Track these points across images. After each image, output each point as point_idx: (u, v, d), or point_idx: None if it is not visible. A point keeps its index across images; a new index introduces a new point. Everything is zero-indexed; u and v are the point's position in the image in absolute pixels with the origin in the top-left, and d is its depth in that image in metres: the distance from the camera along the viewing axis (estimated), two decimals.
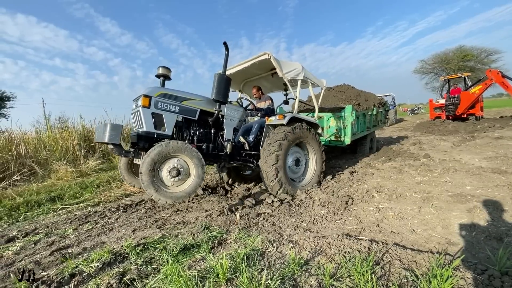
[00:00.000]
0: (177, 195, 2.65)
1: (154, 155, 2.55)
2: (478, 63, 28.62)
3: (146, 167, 2.52)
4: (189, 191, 2.72)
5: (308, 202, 3.35)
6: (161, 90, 3.02)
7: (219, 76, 3.15)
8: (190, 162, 2.77)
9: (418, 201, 3.09)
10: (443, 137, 9.19)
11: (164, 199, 2.57)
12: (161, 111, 2.93)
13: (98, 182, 5.17)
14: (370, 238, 2.28)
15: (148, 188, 2.52)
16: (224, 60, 3.18)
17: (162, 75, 3.16)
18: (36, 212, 3.84)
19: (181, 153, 2.71)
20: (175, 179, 2.71)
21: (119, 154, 2.85)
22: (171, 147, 2.65)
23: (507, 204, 2.79)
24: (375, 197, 3.31)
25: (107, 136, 2.61)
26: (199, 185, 2.78)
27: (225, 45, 3.12)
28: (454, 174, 4.10)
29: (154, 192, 2.52)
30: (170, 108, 3.00)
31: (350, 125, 5.21)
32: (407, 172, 4.49)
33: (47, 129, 6.75)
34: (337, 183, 4.13)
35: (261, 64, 3.94)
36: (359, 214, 2.85)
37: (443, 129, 11.27)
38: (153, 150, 2.57)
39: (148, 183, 2.52)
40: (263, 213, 3.07)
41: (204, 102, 3.31)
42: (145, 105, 2.83)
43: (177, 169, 2.71)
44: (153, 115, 2.88)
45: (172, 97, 3.06)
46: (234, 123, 3.53)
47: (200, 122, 3.35)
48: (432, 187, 3.54)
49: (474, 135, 8.52)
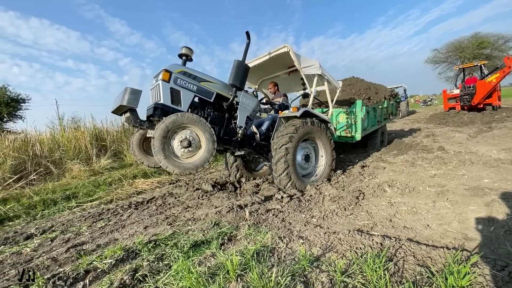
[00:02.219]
0: (185, 166, 2.65)
1: (169, 122, 2.57)
2: (495, 51, 27.39)
3: (159, 133, 2.53)
4: (197, 164, 2.72)
5: (318, 197, 3.31)
6: (182, 67, 3.07)
7: (238, 62, 3.21)
8: (202, 136, 2.78)
9: (433, 195, 2.99)
10: (458, 128, 8.88)
11: (172, 168, 2.57)
12: (179, 87, 2.96)
13: (110, 180, 5.28)
14: (383, 233, 2.23)
15: (158, 154, 2.52)
16: (245, 49, 3.21)
17: (184, 54, 3.21)
18: (52, 210, 3.97)
19: (194, 126, 2.73)
20: (185, 150, 2.72)
21: (134, 122, 2.84)
22: (186, 118, 2.67)
23: None
24: (387, 192, 3.24)
25: (126, 99, 2.57)
26: (207, 160, 2.78)
27: (247, 34, 3.18)
28: (470, 166, 3.95)
29: (163, 159, 2.53)
30: (188, 86, 3.03)
31: (360, 120, 5.09)
32: (420, 166, 4.37)
33: (60, 130, 6.93)
34: (348, 178, 4.06)
35: (279, 59, 3.94)
36: (371, 209, 2.79)
37: (458, 120, 10.90)
38: (169, 118, 2.59)
39: (159, 148, 2.52)
40: (273, 209, 3.06)
41: (221, 86, 3.34)
42: (165, 79, 2.85)
43: (188, 140, 2.72)
44: (171, 90, 2.91)
45: (192, 76, 3.09)
46: (248, 112, 3.54)
47: (215, 105, 3.38)
48: (447, 181, 3.43)
49: (491, 126, 8.19)
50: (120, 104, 2.57)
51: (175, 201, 3.90)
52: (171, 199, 4.03)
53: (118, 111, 2.97)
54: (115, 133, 7.80)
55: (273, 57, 3.88)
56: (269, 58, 3.89)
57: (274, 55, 3.81)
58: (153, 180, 5.32)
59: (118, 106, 2.70)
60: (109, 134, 7.51)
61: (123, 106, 2.64)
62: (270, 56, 3.84)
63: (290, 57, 3.84)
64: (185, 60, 3.23)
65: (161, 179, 5.38)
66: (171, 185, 4.95)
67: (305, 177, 3.96)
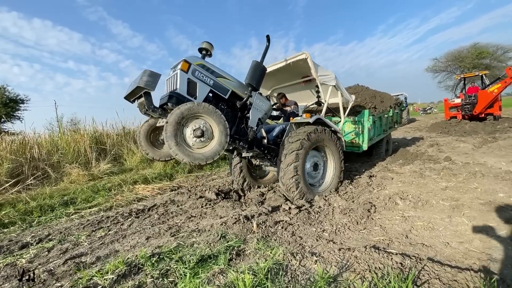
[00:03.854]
0: (195, 156, 2.55)
1: (184, 109, 2.49)
2: (494, 61, 27.65)
3: (173, 118, 2.43)
4: (207, 155, 2.62)
5: (327, 209, 3.19)
6: (201, 60, 3.03)
7: (256, 63, 3.20)
8: (216, 127, 2.70)
9: (447, 210, 2.89)
10: (462, 138, 8.83)
11: (181, 155, 2.46)
12: (197, 79, 2.91)
13: (110, 185, 5.14)
14: (401, 251, 2.11)
15: (170, 140, 2.42)
16: (264, 51, 3.22)
17: (204, 49, 3.18)
18: (49, 217, 3.82)
19: (209, 116, 2.65)
20: (197, 140, 2.63)
21: (147, 106, 2.76)
22: (202, 107, 2.59)
23: None
24: (399, 205, 3.13)
25: (144, 81, 2.48)
26: (218, 153, 2.68)
27: (267, 38, 3.21)
28: (481, 179, 3.86)
29: (174, 145, 2.43)
30: (205, 80, 2.98)
31: (367, 130, 5.01)
32: (429, 177, 4.27)
33: (59, 132, 6.79)
34: (356, 189, 3.95)
35: (295, 68, 3.89)
36: (384, 224, 2.68)
37: (460, 130, 10.87)
38: (185, 104, 2.52)
39: (172, 134, 2.43)
40: (281, 221, 2.93)
41: (236, 84, 3.30)
42: (183, 69, 2.81)
43: (202, 130, 2.63)
44: (189, 80, 2.86)
45: (209, 70, 3.05)
46: (260, 114, 3.48)
47: (229, 103, 3.32)
48: (459, 194, 3.32)
49: (495, 136, 8.14)
50: (137, 86, 2.50)
51: (178, 209, 3.76)
52: (174, 207, 3.90)
53: (133, 95, 2.88)
54: (115, 136, 7.67)
55: (289, 65, 3.83)
56: (285, 64, 3.83)
57: (290, 62, 3.76)
58: (154, 186, 5.19)
59: (134, 88, 2.61)
60: (109, 137, 7.38)
61: (140, 89, 2.56)
62: (287, 62, 3.79)
63: (305, 66, 3.77)
64: (205, 54, 3.20)
65: (162, 185, 5.24)
66: (173, 192, 4.82)
67: (312, 186, 3.84)
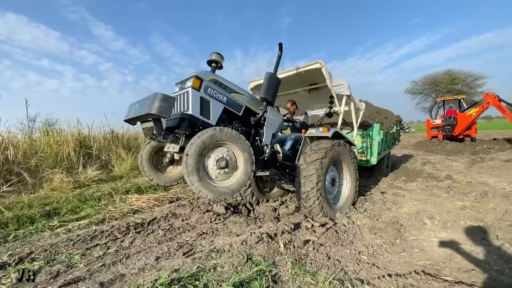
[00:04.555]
0: (221, 190, 2.22)
1: (206, 138, 2.14)
2: (465, 87, 29.96)
3: (194, 149, 2.09)
4: (233, 188, 2.29)
5: (353, 228, 2.98)
6: (213, 75, 2.69)
7: (270, 75, 2.89)
8: (240, 155, 2.37)
9: (478, 231, 2.78)
10: (449, 157, 9.16)
11: (205, 192, 2.11)
12: (210, 97, 2.56)
13: (99, 194, 4.60)
14: (457, 279, 1.92)
15: (191, 175, 2.07)
16: (277, 61, 2.94)
17: (214, 61, 2.81)
18: (28, 230, 3.26)
19: (233, 143, 2.33)
20: (221, 172, 2.29)
21: (158, 133, 2.36)
22: (225, 134, 2.26)
23: None
24: (427, 224, 2.99)
25: (156, 107, 2.06)
26: (245, 184, 2.36)
27: (280, 46, 2.91)
28: (493, 199, 3.86)
29: (197, 181, 2.08)
30: (219, 97, 2.65)
31: (377, 144, 4.96)
32: (440, 195, 4.23)
33: (40, 133, 6.10)
34: (373, 205, 3.79)
35: (305, 75, 3.70)
36: (422, 246, 2.50)
37: (443, 149, 11.34)
38: (205, 132, 2.17)
39: (193, 168, 2.07)
40: (309, 240, 2.67)
41: (250, 99, 3.00)
42: (195, 86, 2.46)
43: (226, 160, 2.30)
44: (201, 99, 2.50)
45: (222, 85, 2.72)
46: (274, 129, 3.17)
47: (243, 119, 2.99)
48: (481, 214, 3.26)
49: (481, 156, 8.52)
50: (148, 113, 2.09)
51: (184, 224, 3.37)
52: (178, 221, 3.49)
53: (135, 120, 2.49)
54: (102, 140, 7.07)
55: (300, 73, 3.65)
56: (296, 73, 3.65)
57: (302, 71, 3.59)
58: (149, 196, 4.71)
59: (141, 114, 2.20)
60: (95, 141, 6.77)
61: (150, 115, 2.16)
62: (298, 71, 3.61)
63: (315, 74, 3.64)
64: (215, 67, 2.86)
65: (158, 196, 4.78)
66: (172, 204, 4.38)
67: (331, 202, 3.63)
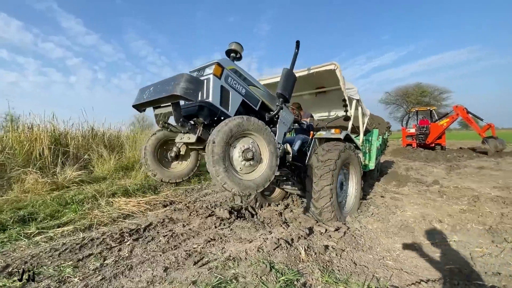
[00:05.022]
0: (246, 184, 2.00)
1: (233, 125, 1.94)
2: (432, 99, 32.43)
3: (221, 137, 1.87)
4: (258, 182, 2.09)
5: (367, 232, 2.92)
6: (233, 65, 2.48)
7: (287, 71, 2.75)
8: (266, 148, 2.19)
9: (486, 234, 2.85)
10: (428, 163, 9.66)
11: (231, 185, 1.89)
12: (229, 87, 2.36)
13: (82, 197, 4.12)
14: (489, 283, 1.90)
15: (217, 165, 1.85)
16: (293, 58, 2.82)
17: (233, 51, 2.58)
18: (0, 239, 2.78)
19: (259, 134, 2.14)
20: (246, 164, 2.09)
21: (176, 120, 2.08)
22: (252, 124, 2.08)
23: None
24: (437, 228, 3.02)
25: (182, 88, 1.79)
26: (269, 179, 2.17)
27: (297, 44, 2.81)
28: (486, 203, 4.03)
29: (222, 172, 1.86)
30: (238, 88, 2.45)
31: (375, 149, 5.03)
32: (435, 199, 4.36)
33: (9, 127, 5.38)
34: (378, 209, 3.78)
35: (314, 78, 3.62)
36: (448, 251, 2.49)
37: (418, 156, 11.98)
38: (233, 120, 1.98)
39: (220, 157, 1.86)
40: (329, 246, 2.54)
41: (266, 94, 2.81)
42: (216, 74, 2.24)
43: (252, 151, 2.11)
44: (222, 88, 2.29)
45: (242, 77, 2.52)
46: (286, 128, 3.00)
47: (258, 115, 2.78)
48: (482, 218, 3.37)
49: (456, 164, 9.09)
50: (172, 94, 1.82)
51: (186, 230, 3.08)
52: (178, 227, 3.20)
53: (148, 105, 2.21)
54: (80, 138, 6.45)
55: (311, 74, 3.57)
56: (307, 74, 3.57)
57: (314, 72, 3.51)
58: (139, 199, 4.32)
59: (161, 97, 1.92)
60: (73, 139, 6.15)
61: (172, 97, 1.89)
62: (310, 72, 3.53)
63: (327, 77, 3.61)
64: (234, 57, 2.66)
65: (148, 200, 4.40)
66: (166, 208, 4.04)
67: None
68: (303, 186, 3.45)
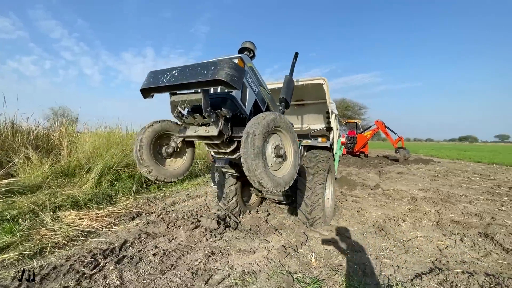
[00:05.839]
0: (277, 181, 1.94)
1: (270, 120, 1.89)
2: (353, 114, 37.88)
3: (261, 130, 1.78)
4: (286, 180, 2.05)
5: (354, 234, 3.19)
6: (251, 62, 2.39)
7: (289, 78, 2.88)
8: (290, 146, 2.18)
9: (437, 229, 3.46)
10: (361, 169, 11.17)
11: (267, 181, 1.81)
12: (248, 85, 2.27)
13: (15, 213, 3.19)
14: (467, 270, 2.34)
15: (257, 159, 1.75)
16: (292, 67, 2.98)
17: (248, 49, 2.46)
18: None
19: (287, 133, 2.12)
20: (276, 160, 2.05)
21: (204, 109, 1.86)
22: (283, 121, 2.05)
23: None
24: (402, 226, 3.52)
25: (228, 75, 1.61)
26: (294, 177, 2.15)
27: (295, 55, 3.01)
28: (421, 203, 4.92)
29: (262, 166, 1.78)
30: (253, 87, 2.37)
31: (338, 158, 5.52)
32: (385, 201, 5.08)
33: None
34: (349, 212, 4.17)
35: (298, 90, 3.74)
36: (416, 244, 2.92)
37: (348, 162, 13.74)
38: (268, 115, 1.92)
39: (260, 151, 1.77)
40: (331, 250, 2.67)
41: (270, 98, 2.78)
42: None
43: (283, 148, 2.09)
44: (242, 84, 2.17)
45: (256, 76, 2.46)
46: None
47: None
48: (426, 215, 4.09)
49: (381, 169, 10.80)
50: (215, 79, 1.60)
51: (176, 245, 2.75)
52: (163, 242, 2.82)
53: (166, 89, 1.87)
54: None
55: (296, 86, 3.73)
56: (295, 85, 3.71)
57: (303, 84, 3.68)
58: (96, 212, 3.63)
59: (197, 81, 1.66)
60: None
61: (214, 82, 1.65)
62: (298, 84, 3.66)
63: (309, 90, 3.81)
64: (248, 56, 2.56)
65: (108, 212, 3.74)
66: (137, 222, 3.51)
67: None
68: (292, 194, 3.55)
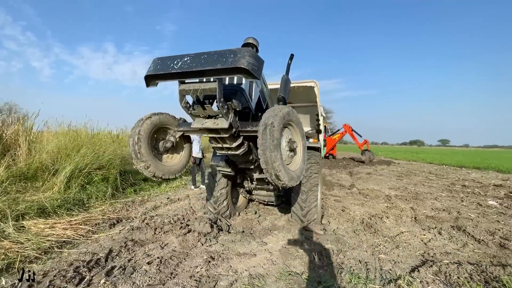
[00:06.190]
0: (291, 174, 1.91)
1: (285, 113, 1.86)
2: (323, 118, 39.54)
3: (279, 121, 1.75)
4: (298, 174, 2.03)
5: (346, 232, 3.28)
6: None
7: (287, 78, 2.92)
8: (300, 141, 2.16)
9: (416, 224, 3.73)
10: (333, 170, 11.67)
11: (284, 174, 1.77)
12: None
13: None
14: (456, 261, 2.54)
15: (275, 150, 1.70)
16: (287, 68, 3.04)
17: (251, 44, 2.36)
18: None
19: (297, 127, 2.11)
20: (289, 154, 2.03)
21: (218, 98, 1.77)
22: (295, 115, 2.03)
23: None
24: (386, 223, 3.73)
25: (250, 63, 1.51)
26: (303, 172, 2.15)
27: (291, 56, 3.08)
28: (395, 200, 5.28)
29: (280, 159, 1.74)
30: (258, 82, 2.34)
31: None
32: (364, 199, 5.36)
33: None
34: (335, 211, 4.29)
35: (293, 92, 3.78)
36: (403, 239, 3.10)
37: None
38: (284, 108, 1.90)
39: (278, 143, 1.74)
40: (329, 249, 2.70)
41: (269, 96, 2.77)
42: None
43: (295, 142, 2.07)
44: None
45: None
46: None
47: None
48: (403, 212, 4.38)
49: (351, 170, 11.41)
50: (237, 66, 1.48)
51: (170, 252, 2.55)
52: (155, 249, 2.60)
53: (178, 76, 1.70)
54: None
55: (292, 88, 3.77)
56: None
57: (295, 86, 3.71)
58: (68, 220, 3.23)
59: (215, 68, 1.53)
60: None
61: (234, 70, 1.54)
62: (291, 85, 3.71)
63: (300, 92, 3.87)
64: None
65: (83, 219, 3.35)
66: (120, 228, 3.19)
67: None
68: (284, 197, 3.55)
